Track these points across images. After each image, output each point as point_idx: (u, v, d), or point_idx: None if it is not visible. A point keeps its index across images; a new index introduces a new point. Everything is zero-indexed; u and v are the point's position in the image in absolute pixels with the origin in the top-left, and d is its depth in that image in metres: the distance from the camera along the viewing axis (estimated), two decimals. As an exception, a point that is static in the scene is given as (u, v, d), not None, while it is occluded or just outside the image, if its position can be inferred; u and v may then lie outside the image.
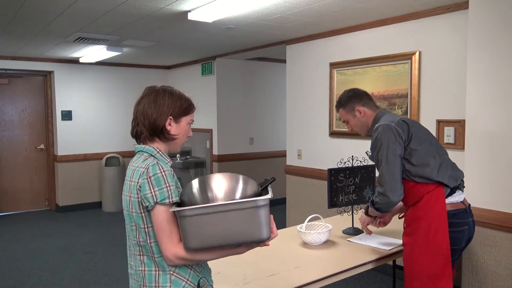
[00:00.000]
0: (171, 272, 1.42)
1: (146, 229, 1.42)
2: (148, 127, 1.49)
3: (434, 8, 3.46)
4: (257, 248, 1.52)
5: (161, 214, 1.37)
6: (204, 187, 1.37)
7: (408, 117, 3.73)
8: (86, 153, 6.78)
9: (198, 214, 1.29)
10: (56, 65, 6.43)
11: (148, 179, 1.37)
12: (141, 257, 1.46)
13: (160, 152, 1.50)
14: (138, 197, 1.40)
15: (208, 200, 1.34)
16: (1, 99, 6.40)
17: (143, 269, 1.45)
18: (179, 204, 1.39)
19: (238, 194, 1.36)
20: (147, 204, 1.38)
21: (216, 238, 1.31)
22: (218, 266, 2.05)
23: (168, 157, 1.52)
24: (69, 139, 6.62)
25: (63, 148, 6.59)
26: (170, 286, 1.41)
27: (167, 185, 1.38)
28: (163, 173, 1.38)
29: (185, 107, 1.54)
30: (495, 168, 2.68)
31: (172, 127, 1.51)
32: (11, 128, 6.50)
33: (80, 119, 6.70)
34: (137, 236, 1.45)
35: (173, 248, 1.37)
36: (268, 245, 1.37)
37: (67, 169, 6.65)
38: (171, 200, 1.37)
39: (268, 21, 3.91)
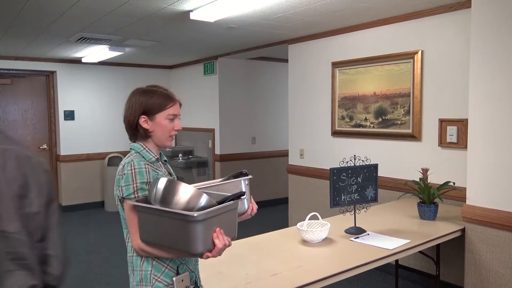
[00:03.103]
0: (153, 258, 1.52)
1: None
2: (127, 128, 1.60)
3: (436, 7, 3.45)
4: (259, 247, 1.52)
5: (127, 208, 1.49)
6: (172, 189, 1.39)
7: (411, 116, 3.73)
8: (88, 153, 6.79)
9: (143, 211, 1.42)
10: (58, 65, 6.45)
11: (122, 176, 1.49)
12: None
13: (146, 148, 1.58)
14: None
15: (170, 202, 1.37)
16: (4, 99, 6.42)
17: (132, 254, 1.55)
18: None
19: (201, 204, 1.37)
20: (119, 198, 1.51)
21: (158, 238, 1.41)
22: (220, 266, 2.05)
23: (153, 152, 1.58)
24: (71, 139, 6.63)
25: (65, 148, 6.61)
26: (151, 270, 1.51)
27: (134, 182, 1.47)
28: (133, 171, 1.48)
29: (158, 104, 1.55)
30: (498, 168, 2.67)
31: (149, 125, 1.56)
32: (14, 128, 6.51)
33: (83, 119, 6.72)
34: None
35: (137, 239, 1.47)
36: (206, 258, 1.37)
37: (70, 169, 6.67)
38: (136, 195, 1.47)
39: (270, 21, 3.91)
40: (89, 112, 6.77)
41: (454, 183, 3.06)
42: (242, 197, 1.48)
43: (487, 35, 2.68)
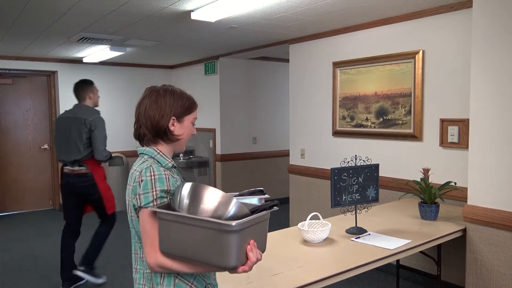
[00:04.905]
0: (175, 275, 1.39)
1: None
2: (151, 129, 1.46)
3: (437, 6, 3.45)
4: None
5: (145, 218, 1.35)
6: (199, 194, 1.30)
7: (412, 116, 3.73)
8: (89, 153, 6.78)
9: (168, 220, 1.28)
10: (59, 65, 6.45)
11: (139, 183, 1.37)
12: None
13: (161, 153, 1.46)
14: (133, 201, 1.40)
15: (196, 209, 1.28)
16: (5, 99, 6.43)
17: (150, 271, 1.41)
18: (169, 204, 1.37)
19: (230, 212, 1.27)
20: (136, 207, 1.38)
21: (183, 249, 1.27)
22: (221, 265, 2.05)
23: (169, 157, 1.49)
24: (72, 138, 6.63)
25: (66, 147, 6.60)
26: None
27: (154, 189, 1.35)
28: (152, 177, 1.36)
29: (187, 106, 1.50)
30: (499, 168, 2.67)
31: (176, 127, 1.48)
32: (15, 128, 6.52)
33: (84, 119, 6.71)
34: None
35: (154, 253, 1.34)
36: (242, 271, 1.28)
37: (70, 169, 6.66)
38: (155, 204, 1.35)
39: (271, 21, 3.91)
40: (90, 112, 6.76)
41: (455, 183, 3.06)
42: (275, 208, 1.35)
43: (489, 35, 2.68)
